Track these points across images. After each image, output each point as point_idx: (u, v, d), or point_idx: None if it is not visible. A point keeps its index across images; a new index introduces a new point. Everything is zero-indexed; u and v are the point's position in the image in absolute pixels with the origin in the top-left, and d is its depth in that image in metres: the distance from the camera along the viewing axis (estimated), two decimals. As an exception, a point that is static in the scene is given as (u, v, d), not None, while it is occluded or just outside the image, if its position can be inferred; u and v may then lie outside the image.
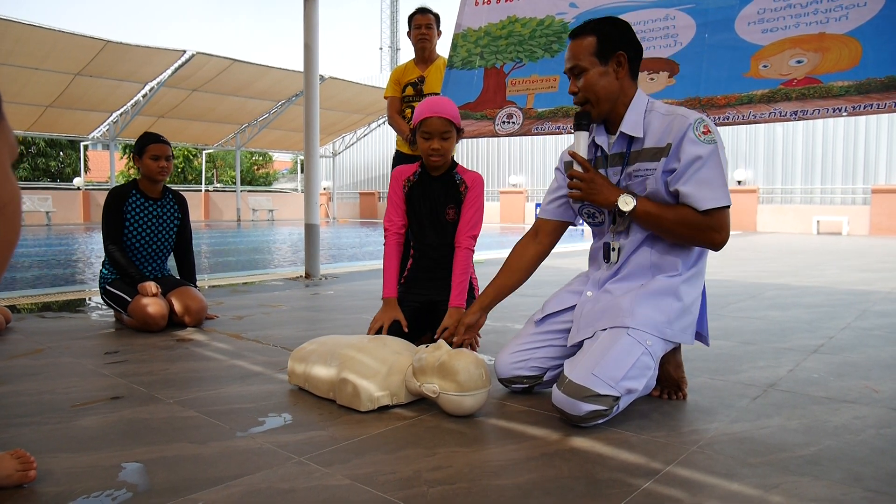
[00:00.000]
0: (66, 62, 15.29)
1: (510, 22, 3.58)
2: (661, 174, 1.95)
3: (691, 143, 1.90)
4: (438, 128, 2.59)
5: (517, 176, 23.17)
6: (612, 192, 1.99)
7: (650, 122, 2.00)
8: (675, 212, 1.93)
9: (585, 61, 2.02)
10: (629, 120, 2.02)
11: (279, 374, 2.43)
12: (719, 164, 1.90)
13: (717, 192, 1.89)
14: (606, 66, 2.02)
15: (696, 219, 1.91)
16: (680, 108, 1.99)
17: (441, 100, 2.64)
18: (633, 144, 2.03)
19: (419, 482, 1.49)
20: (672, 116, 1.96)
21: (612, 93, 2.03)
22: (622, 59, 2.02)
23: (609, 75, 2.02)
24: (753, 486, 1.47)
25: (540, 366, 2.13)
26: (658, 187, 1.96)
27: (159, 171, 3.45)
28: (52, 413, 1.97)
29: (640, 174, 2.00)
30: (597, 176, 2.02)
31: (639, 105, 2.03)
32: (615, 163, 2.07)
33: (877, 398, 2.15)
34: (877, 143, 16.56)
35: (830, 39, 2.62)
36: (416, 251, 2.86)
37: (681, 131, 1.91)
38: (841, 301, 4.39)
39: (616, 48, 2.02)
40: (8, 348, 2.86)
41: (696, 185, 1.89)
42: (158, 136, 3.49)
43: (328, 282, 5.42)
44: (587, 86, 2.03)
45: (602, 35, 2.02)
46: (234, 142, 24.18)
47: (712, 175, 1.89)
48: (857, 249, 10.21)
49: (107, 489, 1.44)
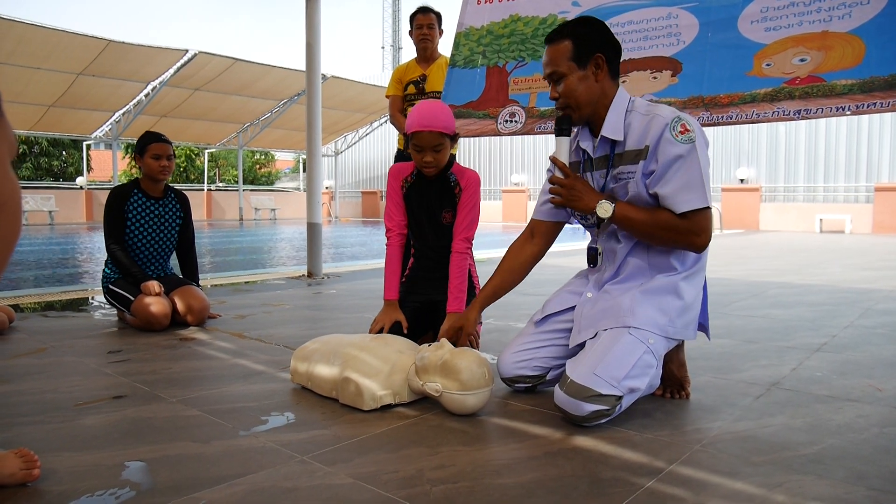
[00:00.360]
0: (68, 62, 15.31)
1: (513, 20, 3.57)
2: (640, 177, 1.93)
3: (668, 143, 1.87)
4: (430, 141, 2.51)
5: (519, 175, 23.16)
6: (592, 199, 1.97)
7: (630, 123, 1.98)
8: (654, 216, 1.91)
9: (563, 66, 1.99)
10: (609, 122, 1.99)
11: (282, 373, 2.44)
12: (697, 164, 1.87)
13: (694, 194, 1.86)
14: (585, 69, 1.99)
15: (675, 222, 1.88)
16: (659, 107, 1.95)
17: (432, 109, 2.54)
18: (615, 147, 2.01)
19: (422, 481, 1.49)
20: (650, 117, 1.93)
21: (592, 96, 2.00)
22: (600, 60, 1.99)
23: (588, 79, 1.99)
24: (757, 484, 1.47)
25: (543, 365, 2.13)
26: (639, 190, 1.94)
27: (160, 170, 3.45)
28: (55, 412, 1.97)
29: (622, 177, 1.98)
30: (577, 181, 2.00)
31: (619, 106, 2.00)
32: (600, 166, 2.05)
33: (880, 397, 2.15)
34: (880, 142, 16.51)
35: (834, 38, 2.61)
36: (417, 251, 2.85)
37: (657, 132, 1.89)
38: (844, 299, 4.38)
39: (593, 50, 1.98)
40: (11, 347, 2.86)
41: (673, 187, 1.87)
42: (160, 136, 3.49)
43: (330, 281, 5.42)
44: (567, 91, 2.00)
45: (578, 38, 1.98)
46: (237, 141, 24.20)
47: (690, 176, 1.86)
48: (860, 248, 10.19)
49: (110, 488, 1.44)
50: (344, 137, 27.03)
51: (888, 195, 15.74)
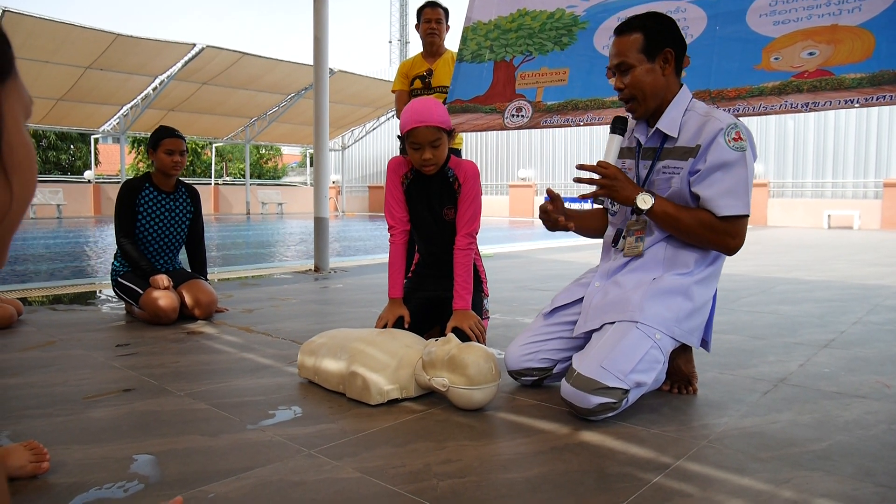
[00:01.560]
0: (76, 55, 15.37)
1: (520, 15, 3.56)
2: (686, 174, 1.96)
3: (720, 147, 1.90)
4: (427, 137, 2.47)
5: (526, 170, 23.12)
6: (633, 191, 1.99)
7: (687, 121, 2.01)
8: (693, 214, 1.94)
9: (632, 58, 2.01)
10: (668, 117, 2.02)
11: (289, 367, 2.44)
12: (745, 172, 1.90)
13: (738, 201, 1.90)
14: (653, 62, 2.01)
15: (714, 222, 1.92)
16: (717, 111, 1.99)
17: (425, 103, 2.51)
18: (666, 142, 2.03)
19: (429, 475, 1.49)
20: (707, 118, 1.96)
21: (658, 89, 2.02)
22: (669, 55, 2.02)
23: (656, 72, 2.01)
24: (764, 480, 1.47)
25: (550, 357, 2.13)
26: (682, 187, 1.97)
27: (173, 165, 3.46)
28: (64, 405, 1.99)
29: (667, 171, 2.01)
30: (619, 173, 2.02)
31: (681, 103, 2.03)
32: (647, 156, 2.09)
33: (888, 393, 2.14)
34: (889, 137, 16.41)
35: (843, 31, 2.60)
36: (421, 249, 2.82)
37: (711, 134, 1.92)
38: (852, 296, 4.36)
39: (664, 44, 2.01)
40: (20, 340, 2.88)
41: (717, 190, 1.90)
42: (174, 131, 3.49)
43: (337, 275, 5.43)
44: (634, 82, 2.01)
45: (649, 31, 2.01)
46: (244, 135, 24.24)
47: (735, 183, 1.90)
48: (869, 244, 10.14)
49: (119, 481, 1.45)
50: (351, 132, 27.04)
51: (898, 191, 15.65)
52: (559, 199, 2.22)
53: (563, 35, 3.38)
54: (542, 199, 21.62)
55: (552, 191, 2.26)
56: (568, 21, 3.38)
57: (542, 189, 22.58)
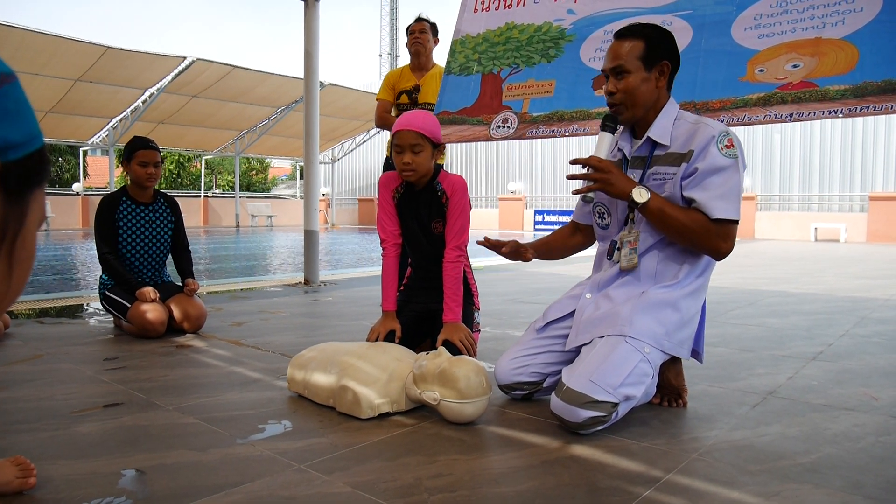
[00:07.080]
0: (66, 68, 15.33)
1: (508, 28, 3.59)
2: (679, 179, 1.97)
3: (713, 154, 1.92)
4: (409, 140, 2.49)
5: (516, 183, 23.20)
6: (628, 184, 1.98)
7: (676, 129, 2.03)
8: (688, 214, 1.95)
9: (630, 64, 2.02)
10: (658, 126, 2.04)
11: (279, 381, 2.43)
12: (737, 179, 1.93)
13: (730, 204, 1.92)
14: (650, 72, 2.03)
15: (706, 224, 1.93)
16: (707, 119, 2.02)
17: (418, 114, 2.55)
18: (656, 149, 2.05)
19: (420, 490, 1.48)
20: (698, 125, 1.99)
21: (649, 99, 2.04)
22: (665, 68, 2.04)
23: (650, 82, 2.03)
24: (754, 493, 1.47)
25: (540, 371, 2.14)
26: (675, 191, 1.98)
27: (147, 177, 3.42)
28: (51, 419, 1.97)
29: (658, 178, 2.02)
30: (612, 166, 2.02)
31: (669, 114, 2.05)
32: (636, 165, 2.10)
33: (876, 406, 2.15)
34: (874, 151, 16.60)
35: (827, 44, 2.63)
36: (413, 262, 2.83)
37: (704, 140, 1.94)
38: (839, 308, 4.39)
39: (662, 56, 2.03)
40: (7, 354, 2.85)
41: (711, 193, 1.92)
42: (148, 142, 3.44)
43: (327, 288, 5.41)
44: (627, 88, 2.03)
45: (650, 40, 2.03)
46: (234, 148, 24.20)
47: (729, 188, 1.92)
48: (855, 256, 10.22)
49: (106, 496, 1.44)
50: (341, 145, 27.06)
51: (882, 204, 15.81)
52: (497, 243, 2.34)
53: (551, 48, 3.40)
54: (533, 212, 21.72)
55: (489, 240, 2.36)
56: (555, 34, 3.40)
57: (531, 202, 22.67)
